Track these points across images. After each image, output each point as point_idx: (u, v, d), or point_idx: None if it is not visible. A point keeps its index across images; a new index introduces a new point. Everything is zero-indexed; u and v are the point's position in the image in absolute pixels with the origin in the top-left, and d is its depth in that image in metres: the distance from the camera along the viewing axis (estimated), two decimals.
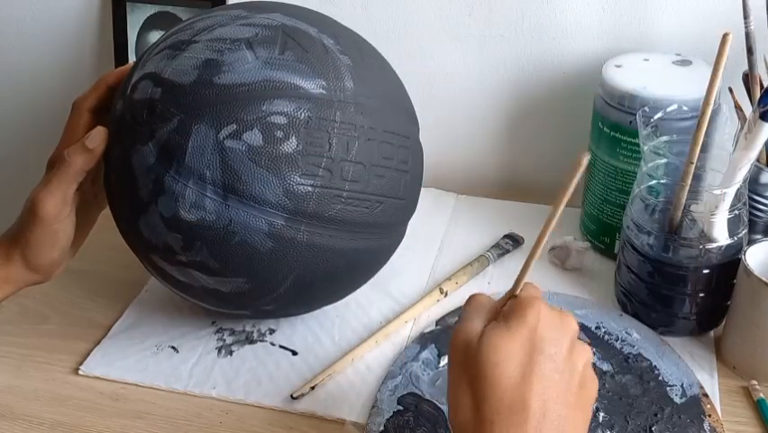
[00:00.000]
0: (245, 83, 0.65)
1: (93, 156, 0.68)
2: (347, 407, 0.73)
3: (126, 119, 0.68)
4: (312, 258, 0.68)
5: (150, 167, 0.65)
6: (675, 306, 0.77)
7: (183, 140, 0.64)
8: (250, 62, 0.66)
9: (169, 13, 1.05)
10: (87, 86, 0.73)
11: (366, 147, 0.68)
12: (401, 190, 0.72)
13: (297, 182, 0.65)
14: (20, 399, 0.75)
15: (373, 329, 0.81)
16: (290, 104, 0.65)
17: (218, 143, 0.64)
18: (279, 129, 0.64)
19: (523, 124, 1.03)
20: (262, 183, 0.64)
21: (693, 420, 0.70)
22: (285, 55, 0.67)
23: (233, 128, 0.64)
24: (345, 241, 0.69)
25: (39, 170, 0.71)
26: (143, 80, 0.68)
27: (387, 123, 0.70)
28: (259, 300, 0.71)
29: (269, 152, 0.64)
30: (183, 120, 0.65)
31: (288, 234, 0.66)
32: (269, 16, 0.70)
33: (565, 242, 0.88)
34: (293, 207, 0.65)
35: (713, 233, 0.73)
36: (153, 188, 0.66)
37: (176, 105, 0.65)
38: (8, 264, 0.69)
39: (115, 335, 0.81)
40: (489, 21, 0.97)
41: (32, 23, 1.11)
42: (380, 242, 0.73)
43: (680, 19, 0.92)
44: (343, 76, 0.68)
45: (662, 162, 0.75)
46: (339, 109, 0.66)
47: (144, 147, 0.66)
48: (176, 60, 0.67)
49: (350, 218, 0.68)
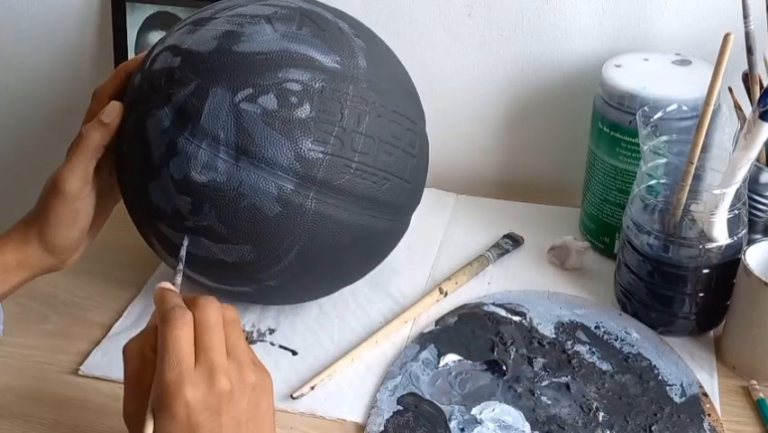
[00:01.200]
0: (263, 51, 0.67)
1: (109, 130, 0.69)
2: (347, 407, 0.73)
3: (143, 88, 0.69)
4: (318, 229, 0.68)
5: (164, 130, 0.67)
6: (675, 306, 0.77)
7: (199, 102, 0.66)
8: (268, 34, 0.68)
9: (168, 14, 1.05)
10: (87, 86, 0.74)
11: (376, 123, 0.69)
12: (408, 173, 0.73)
13: (308, 147, 0.66)
14: (20, 399, 0.75)
15: (373, 329, 0.81)
16: (306, 73, 0.67)
17: (234, 106, 0.65)
18: (294, 95, 0.66)
19: (523, 123, 1.03)
20: (275, 146, 0.65)
21: (693, 420, 0.70)
22: (302, 30, 0.69)
23: (249, 92, 0.66)
24: (352, 214, 0.69)
25: (38, 169, 0.71)
26: (163, 52, 0.70)
27: (397, 104, 0.72)
28: (262, 273, 0.71)
29: (283, 115, 0.66)
30: (200, 84, 0.66)
31: (297, 200, 0.67)
32: (287, 0, 0.72)
33: (565, 242, 0.88)
34: (303, 172, 0.66)
35: (713, 233, 0.73)
36: (166, 151, 0.67)
37: (194, 71, 0.67)
38: (25, 247, 0.70)
39: (115, 335, 0.81)
40: (489, 21, 0.97)
41: (32, 23, 1.11)
42: (386, 222, 0.73)
43: (679, 19, 0.92)
44: (357, 55, 0.70)
45: (661, 162, 0.76)
46: (352, 83, 0.68)
47: (160, 111, 0.67)
48: (196, 33, 0.70)
49: (357, 190, 0.69)
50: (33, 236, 0.70)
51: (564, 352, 0.77)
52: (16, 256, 0.70)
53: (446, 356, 0.77)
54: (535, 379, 0.74)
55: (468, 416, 0.71)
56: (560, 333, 0.79)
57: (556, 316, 0.81)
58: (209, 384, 0.53)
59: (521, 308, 0.82)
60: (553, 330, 0.79)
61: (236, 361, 0.55)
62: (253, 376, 0.55)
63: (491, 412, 0.71)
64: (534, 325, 0.80)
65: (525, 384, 0.74)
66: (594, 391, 0.73)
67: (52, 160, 0.77)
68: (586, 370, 0.75)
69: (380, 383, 0.75)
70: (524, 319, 0.80)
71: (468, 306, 0.83)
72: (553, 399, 0.72)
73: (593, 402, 0.72)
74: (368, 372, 0.77)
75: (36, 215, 0.70)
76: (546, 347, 0.77)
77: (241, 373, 0.55)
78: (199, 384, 0.52)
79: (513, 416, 0.71)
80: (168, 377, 0.52)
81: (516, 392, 0.73)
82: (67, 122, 1.16)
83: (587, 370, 0.75)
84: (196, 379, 0.53)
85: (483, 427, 0.70)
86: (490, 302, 0.83)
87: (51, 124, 1.17)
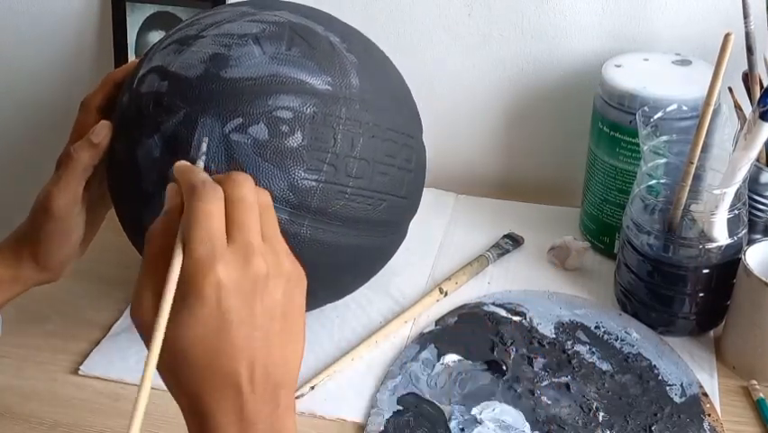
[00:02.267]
0: (252, 77, 0.65)
1: (98, 150, 0.68)
2: (347, 407, 0.73)
3: (132, 112, 0.68)
4: (315, 254, 0.68)
5: (155, 159, 0.66)
6: (675, 306, 0.77)
7: (188, 132, 0.64)
8: (257, 57, 0.66)
9: (168, 14, 1.05)
10: (87, 86, 0.73)
11: (370, 144, 0.68)
12: (404, 189, 0.72)
13: (301, 177, 0.65)
14: (20, 399, 0.75)
15: (373, 329, 0.81)
16: (296, 99, 0.65)
17: (224, 137, 0.64)
18: (285, 123, 0.64)
19: (523, 123, 1.03)
20: (267, 177, 0.64)
21: (693, 420, 0.70)
22: (292, 51, 0.67)
23: (239, 122, 0.64)
24: (348, 237, 0.69)
25: (38, 170, 0.71)
26: (150, 74, 0.68)
27: (391, 121, 0.70)
28: None
29: (274, 146, 0.64)
30: (189, 113, 0.65)
31: (292, 230, 0.66)
32: (276, 14, 0.70)
33: (565, 242, 0.88)
34: (297, 201, 0.65)
35: (713, 233, 0.73)
36: (157, 181, 0.66)
37: (182, 98, 0.65)
38: (18, 264, 0.69)
39: (115, 335, 0.81)
40: (489, 21, 0.97)
41: (32, 23, 1.11)
42: (383, 240, 0.73)
43: (679, 19, 0.92)
44: (349, 73, 0.68)
45: (661, 162, 0.76)
46: (344, 105, 0.67)
47: (149, 140, 0.66)
48: (183, 55, 0.67)
49: (353, 215, 0.68)
50: (25, 254, 0.69)
51: (564, 352, 0.77)
52: (8, 271, 0.69)
53: (446, 356, 0.77)
54: (535, 379, 0.74)
55: (468, 416, 0.71)
56: (560, 333, 0.79)
57: (556, 316, 0.81)
58: (244, 264, 0.47)
59: (521, 308, 0.82)
60: (553, 330, 0.79)
61: (272, 246, 0.49)
62: (290, 266, 0.50)
63: (491, 412, 0.71)
64: (534, 325, 0.80)
65: (525, 384, 0.74)
66: (594, 391, 0.73)
67: (52, 160, 0.77)
68: (586, 370, 0.75)
69: (380, 383, 0.75)
70: (524, 319, 0.80)
71: (468, 306, 0.83)
72: (553, 399, 0.72)
73: (593, 402, 0.72)
74: (368, 372, 0.77)
75: (26, 233, 0.69)
76: (546, 347, 0.77)
77: (277, 258, 0.49)
78: (232, 263, 0.47)
79: (513, 416, 0.71)
80: (198, 253, 0.46)
81: (516, 392, 0.73)
82: (67, 122, 1.16)
83: (587, 370, 0.75)
84: (229, 257, 0.47)
85: (483, 427, 0.70)
86: (490, 302, 0.83)
87: (51, 124, 1.17)
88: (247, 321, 0.47)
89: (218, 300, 0.46)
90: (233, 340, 0.47)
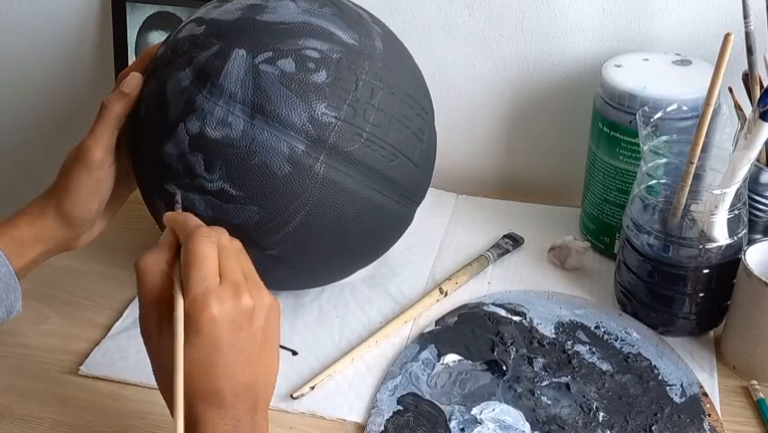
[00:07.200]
0: (285, 22, 0.70)
1: (130, 100, 0.72)
2: (347, 407, 0.73)
3: (166, 56, 0.72)
4: (325, 195, 0.69)
5: (183, 89, 0.69)
6: (675, 306, 0.77)
7: (220, 63, 0.68)
8: (291, 9, 0.72)
9: (168, 14, 1.05)
10: (87, 86, 0.74)
11: (389, 99, 0.71)
12: (416, 156, 0.74)
13: (322, 111, 0.68)
14: (20, 399, 0.75)
15: (373, 329, 0.81)
16: (324, 44, 0.70)
17: (253, 66, 0.68)
18: (312, 61, 0.69)
19: (523, 124, 1.03)
20: (290, 106, 0.67)
21: (693, 420, 0.70)
22: (324, 9, 0.73)
23: (269, 55, 0.68)
24: (359, 185, 0.70)
25: (38, 169, 0.71)
26: (189, 24, 0.73)
27: (409, 89, 0.74)
28: (265, 239, 0.71)
29: (299, 78, 0.68)
30: (222, 47, 0.69)
31: (307, 162, 0.68)
32: None
33: (565, 242, 0.88)
34: (315, 134, 0.68)
35: (713, 233, 0.73)
36: (184, 108, 0.69)
37: (217, 36, 0.70)
38: (42, 220, 0.71)
39: (115, 335, 0.81)
40: (489, 21, 0.97)
41: (32, 23, 1.11)
42: (391, 204, 0.74)
43: (679, 19, 0.92)
44: (374, 37, 0.74)
45: (661, 162, 0.76)
46: (368, 59, 0.71)
47: (181, 73, 0.70)
48: (222, 7, 0.73)
49: (366, 161, 0.70)
50: (51, 208, 0.72)
51: (564, 352, 0.77)
52: (32, 230, 0.71)
53: (446, 356, 0.77)
54: (535, 379, 0.74)
55: (468, 416, 0.71)
56: (560, 333, 0.79)
57: (556, 316, 0.81)
58: (235, 300, 0.55)
59: (521, 308, 0.82)
60: (553, 330, 0.79)
61: (254, 282, 0.58)
62: (268, 297, 0.58)
63: (491, 412, 0.71)
64: (535, 325, 0.80)
65: (526, 384, 0.74)
66: (594, 391, 0.73)
67: (53, 159, 0.77)
68: (586, 370, 0.75)
69: (380, 383, 0.75)
70: (524, 319, 0.80)
71: (468, 306, 0.83)
72: (553, 399, 0.72)
73: (593, 402, 0.72)
74: (368, 372, 0.77)
75: (56, 187, 0.72)
76: (546, 347, 0.77)
77: (259, 292, 0.58)
78: (225, 300, 0.55)
79: (513, 416, 0.71)
80: (195, 291, 0.55)
81: (517, 392, 0.73)
82: (67, 121, 1.17)
83: (587, 370, 0.75)
84: (222, 294, 0.55)
85: (483, 427, 0.70)
86: (490, 302, 0.83)
87: (52, 124, 1.17)
88: (234, 346, 0.56)
89: (213, 331, 0.55)
90: (221, 362, 0.55)
